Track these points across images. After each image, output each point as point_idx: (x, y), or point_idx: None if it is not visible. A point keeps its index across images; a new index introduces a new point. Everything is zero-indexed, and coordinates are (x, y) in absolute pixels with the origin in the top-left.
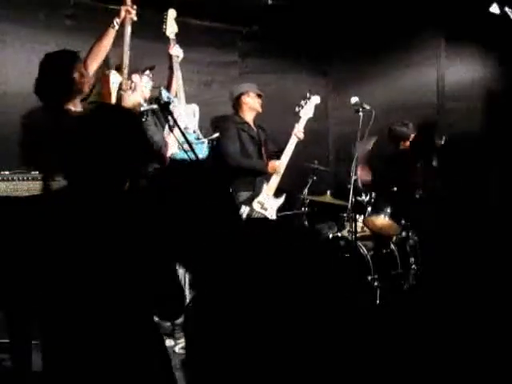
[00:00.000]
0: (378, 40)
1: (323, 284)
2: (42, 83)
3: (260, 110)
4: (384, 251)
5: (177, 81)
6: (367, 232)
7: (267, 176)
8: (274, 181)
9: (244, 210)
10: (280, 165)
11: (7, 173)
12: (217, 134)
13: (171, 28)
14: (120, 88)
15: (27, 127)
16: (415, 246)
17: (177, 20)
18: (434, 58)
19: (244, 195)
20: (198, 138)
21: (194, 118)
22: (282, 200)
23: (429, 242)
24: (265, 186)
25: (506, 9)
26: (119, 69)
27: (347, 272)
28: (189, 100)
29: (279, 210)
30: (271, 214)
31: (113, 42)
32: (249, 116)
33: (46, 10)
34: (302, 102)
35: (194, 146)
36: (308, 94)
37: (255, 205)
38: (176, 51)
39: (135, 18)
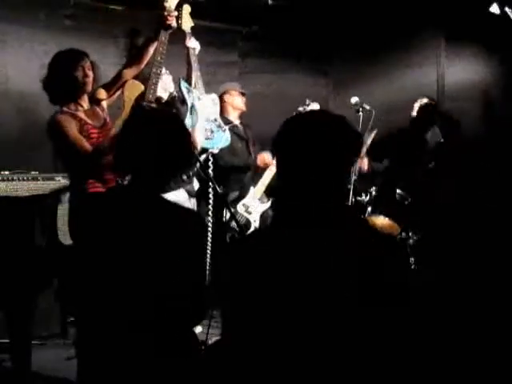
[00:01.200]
0: (378, 40)
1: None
2: (46, 81)
3: (243, 108)
4: None
5: (195, 72)
6: None
7: (255, 179)
8: (262, 184)
9: (227, 213)
10: (269, 160)
11: (7, 173)
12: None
13: (187, 22)
14: (142, 98)
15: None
16: (415, 246)
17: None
18: (434, 58)
19: (233, 195)
20: (220, 126)
21: (215, 107)
22: (267, 205)
23: (429, 242)
24: (252, 189)
25: (506, 9)
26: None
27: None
28: None
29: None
30: (254, 219)
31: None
32: (233, 115)
33: (46, 10)
34: (301, 109)
35: (215, 134)
36: (307, 101)
37: (239, 207)
38: (193, 44)
39: (175, 25)
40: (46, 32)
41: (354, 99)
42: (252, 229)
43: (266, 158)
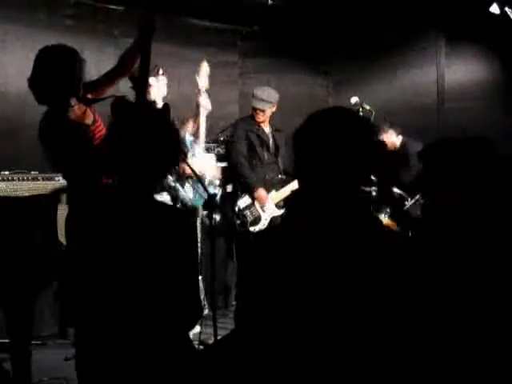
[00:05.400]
0: (378, 40)
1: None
2: (40, 79)
3: (259, 120)
4: None
5: (202, 129)
6: None
7: (281, 184)
8: (284, 192)
9: (245, 201)
10: (268, 198)
11: (7, 173)
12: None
13: (203, 80)
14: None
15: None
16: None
17: (177, 20)
18: (434, 58)
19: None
20: (205, 189)
21: (210, 168)
22: (279, 212)
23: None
24: (273, 192)
25: (506, 9)
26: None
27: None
28: (188, 99)
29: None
30: (266, 218)
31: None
32: (257, 120)
33: (46, 10)
34: None
35: (198, 194)
36: None
37: (257, 202)
38: (204, 102)
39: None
40: (46, 32)
41: (354, 99)
42: (260, 226)
43: (262, 196)
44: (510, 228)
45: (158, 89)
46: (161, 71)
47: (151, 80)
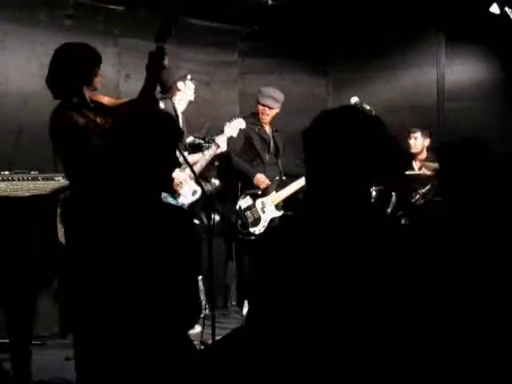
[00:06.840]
0: (379, 40)
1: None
2: (58, 75)
3: (264, 120)
4: None
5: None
6: None
7: (281, 185)
8: (284, 193)
9: (246, 202)
10: (266, 183)
11: (7, 173)
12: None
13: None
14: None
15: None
16: None
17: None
18: (434, 58)
19: (255, 190)
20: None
21: (192, 197)
22: (279, 214)
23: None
24: (274, 193)
25: (506, 9)
26: None
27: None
28: None
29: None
30: (265, 219)
31: None
32: (262, 119)
33: (46, 10)
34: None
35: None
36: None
37: (258, 202)
38: (222, 144)
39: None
40: (46, 32)
41: (354, 99)
42: (259, 227)
43: (261, 179)
44: None
45: (185, 94)
46: (189, 77)
47: (179, 85)
